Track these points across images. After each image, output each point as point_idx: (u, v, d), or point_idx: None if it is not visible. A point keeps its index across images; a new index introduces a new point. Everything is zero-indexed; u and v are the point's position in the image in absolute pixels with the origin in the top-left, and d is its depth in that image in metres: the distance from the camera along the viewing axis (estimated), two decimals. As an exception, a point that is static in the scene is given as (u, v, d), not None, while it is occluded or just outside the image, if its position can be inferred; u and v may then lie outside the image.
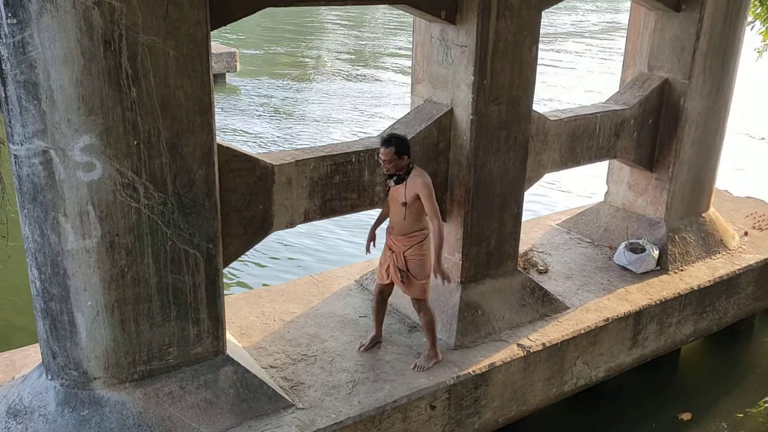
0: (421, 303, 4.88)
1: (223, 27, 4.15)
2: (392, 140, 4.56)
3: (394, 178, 4.66)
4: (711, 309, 6.52)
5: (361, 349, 5.08)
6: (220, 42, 21.38)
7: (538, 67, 5.31)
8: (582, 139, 6.09)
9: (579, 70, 21.39)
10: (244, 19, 4.27)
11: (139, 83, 3.62)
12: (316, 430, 4.25)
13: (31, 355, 4.80)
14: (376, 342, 5.15)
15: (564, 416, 5.97)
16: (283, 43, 25.13)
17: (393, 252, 4.81)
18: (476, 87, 4.96)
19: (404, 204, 4.64)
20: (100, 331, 3.94)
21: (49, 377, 4.08)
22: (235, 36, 24.87)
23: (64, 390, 4.03)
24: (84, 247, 3.76)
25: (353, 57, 23.20)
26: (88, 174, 3.63)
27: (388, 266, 4.86)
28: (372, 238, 5.06)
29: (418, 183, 4.60)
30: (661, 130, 6.60)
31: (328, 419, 4.34)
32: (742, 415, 6.14)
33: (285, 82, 18.95)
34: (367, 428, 4.45)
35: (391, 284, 4.98)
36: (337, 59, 22.63)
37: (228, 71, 18.02)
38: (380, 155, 4.59)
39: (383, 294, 5.07)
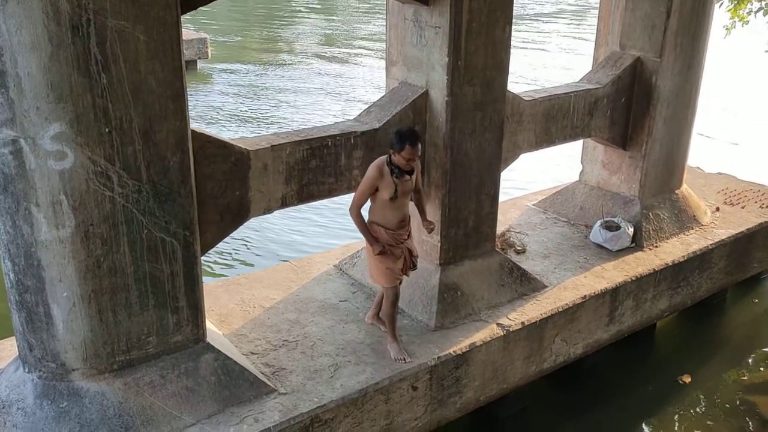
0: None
1: (193, 11, 4.09)
2: (419, 137, 4.50)
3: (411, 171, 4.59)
4: (685, 284, 6.64)
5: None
6: (189, 28, 21.07)
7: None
8: (557, 118, 6.12)
9: (552, 51, 21.47)
10: (213, 4, 4.21)
11: (109, 69, 3.55)
12: (299, 414, 4.26)
13: (7, 349, 4.73)
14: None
15: (544, 393, 6.06)
16: (254, 29, 24.83)
17: (400, 245, 4.70)
18: (451, 68, 4.95)
19: (412, 189, 4.66)
20: (77, 322, 3.89)
21: (27, 370, 4.03)
22: (205, 22, 24.51)
23: (42, 382, 3.98)
24: (58, 237, 3.70)
25: (325, 41, 23.01)
26: (59, 163, 3.57)
27: (405, 260, 4.77)
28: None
29: (417, 163, 4.65)
30: (634, 108, 6.66)
31: (310, 403, 4.35)
32: (747, 378, 6.33)
33: (257, 68, 18.74)
34: (350, 411, 4.47)
35: None
36: (309, 44, 22.43)
37: (199, 58, 17.78)
38: (405, 154, 4.38)
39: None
